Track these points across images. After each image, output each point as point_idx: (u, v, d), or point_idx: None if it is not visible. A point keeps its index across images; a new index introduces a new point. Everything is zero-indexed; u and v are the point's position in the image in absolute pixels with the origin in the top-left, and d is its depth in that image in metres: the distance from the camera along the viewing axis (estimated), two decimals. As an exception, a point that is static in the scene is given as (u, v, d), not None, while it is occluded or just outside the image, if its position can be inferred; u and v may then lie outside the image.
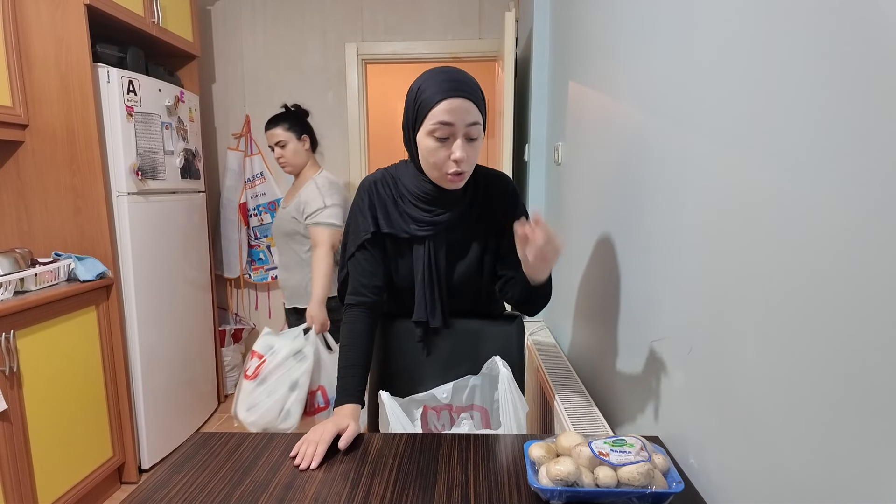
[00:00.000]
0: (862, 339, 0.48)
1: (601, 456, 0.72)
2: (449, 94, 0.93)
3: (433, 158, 0.97)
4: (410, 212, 1.07)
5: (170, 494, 0.79)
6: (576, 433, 0.79)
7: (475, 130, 0.96)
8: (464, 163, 0.96)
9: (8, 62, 1.87)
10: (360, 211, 1.09)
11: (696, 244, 0.83)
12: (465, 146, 0.96)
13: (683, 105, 0.88)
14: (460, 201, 1.07)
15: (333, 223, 1.88)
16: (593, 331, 1.43)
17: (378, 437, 0.96)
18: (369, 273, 1.10)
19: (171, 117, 2.36)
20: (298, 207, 1.93)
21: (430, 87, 0.95)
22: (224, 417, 2.82)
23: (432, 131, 0.95)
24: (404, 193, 1.07)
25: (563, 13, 1.88)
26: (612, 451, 0.73)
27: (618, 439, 0.76)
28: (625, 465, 0.71)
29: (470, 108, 0.94)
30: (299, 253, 1.99)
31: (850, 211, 0.50)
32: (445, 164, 0.97)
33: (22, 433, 1.66)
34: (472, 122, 0.95)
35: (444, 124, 0.94)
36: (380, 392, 1.06)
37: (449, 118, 0.94)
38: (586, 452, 0.74)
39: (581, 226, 1.56)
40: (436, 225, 1.06)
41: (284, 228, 1.99)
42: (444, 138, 0.95)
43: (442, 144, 0.96)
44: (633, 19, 1.14)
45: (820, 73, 0.54)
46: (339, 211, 1.92)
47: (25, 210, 2.04)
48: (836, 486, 0.52)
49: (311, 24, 2.99)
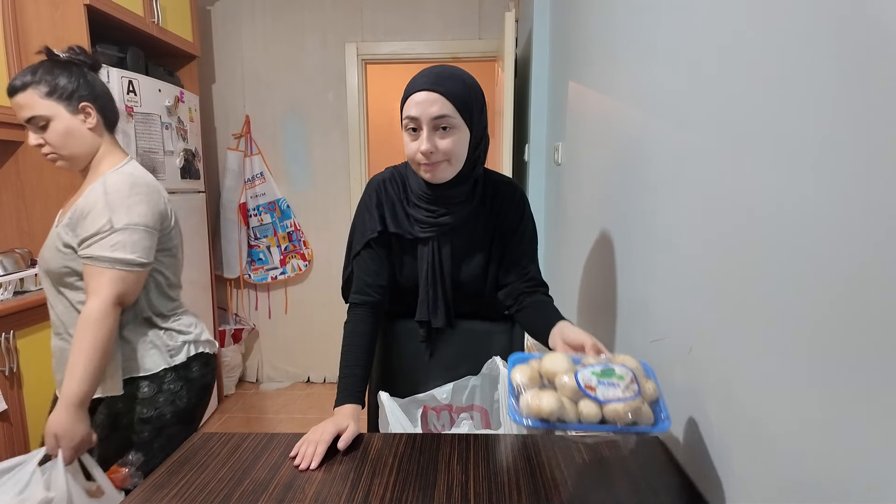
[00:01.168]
0: (862, 338, 0.48)
1: (587, 390, 0.68)
2: (414, 89, 0.96)
3: (407, 151, 1.00)
4: (414, 213, 1.07)
5: (169, 495, 0.79)
6: (563, 356, 0.75)
7: (443, 122, 0.96)
8: (433, 154, 0.97)
9: (8, 62, 1.87)
10: (367, 209, 1.10)
11: (696, 244, 0.83)
12: (431, 137, 0.96)
13: (683, 105, 0.88)
14: (462, 203, 1.07)
15: (123, 259, 1.08)
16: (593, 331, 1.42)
17: (378, 437, 0.96)
18: (374, 272, 1.10)
19: (170, 117, 2.36)
20: (72, 225, 1.12)
21: (409, 83, 0.98)
22: (224, 418, 2.82)
23: (405, 125, 0.99)
24: (409, 194, 1.08)
25: (562, 13, 1.88)
26: (600, 384, 0.68)
27: (606, 368, 0.70)
28: (611, 402, 0.66)
29: (436, 100, 0.95)
30: (76, 304, 1.16)
31: (850, 211, 0.50)
32: (416, 155, 0.99)
33: (22, 433, 1.66)
34: (438, 115, 0.95)
35: (410, 118, 0.97)
36: (379, 393, 1.06)
37: (413, 112, 0.96)
38: (571, 384, 0.69)
39: (581, 226, 1.56)
40: (439, 226, 1.06)
41: (50, 264, 1.15)
42: (414, 130, 0.98)
43: (413, 136, 0.98)
44: (633, 19, 1.14)
45: (821, 72, 0.54)
46: (136, 237, 1.10)
47: (25, 210, 2.03)
48: (837, 486, 0.52)
49: (311, 24, 2.99)
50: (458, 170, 1.01)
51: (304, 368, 3.30)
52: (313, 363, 3.28)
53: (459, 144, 0.99)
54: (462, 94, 0.97)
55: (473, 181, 1.06)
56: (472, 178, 1.05)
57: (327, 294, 3.20)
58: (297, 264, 3.16)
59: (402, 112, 1.00)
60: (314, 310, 3.23)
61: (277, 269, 3.16)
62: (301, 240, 3.14)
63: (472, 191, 1.07)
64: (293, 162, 3.12)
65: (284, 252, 3.15)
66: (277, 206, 3.10)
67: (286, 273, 3.16)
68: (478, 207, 1.09)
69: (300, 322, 3.25)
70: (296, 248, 3.15)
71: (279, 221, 3.12)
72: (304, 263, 3.16)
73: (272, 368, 3.30)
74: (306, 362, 3.29)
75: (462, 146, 0.99)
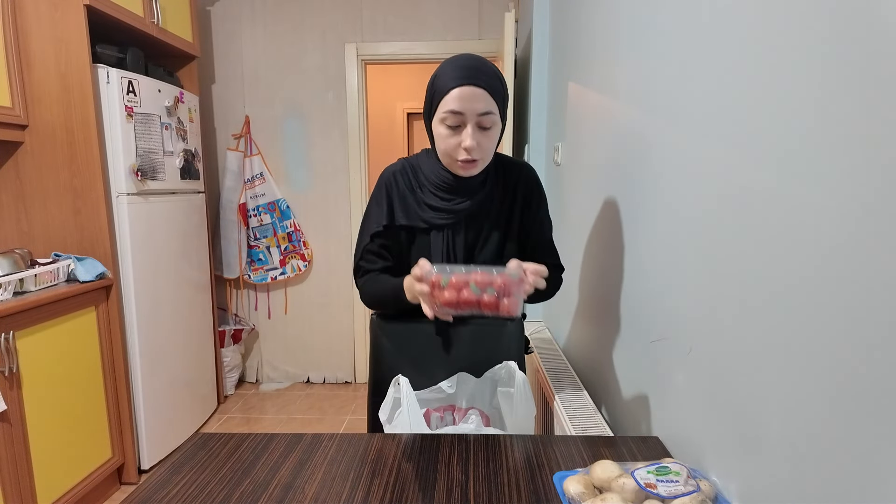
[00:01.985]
0: (862, 337, 0.48)
1: (648, 488, 0.68)
2: (460, 81, 0.93)
3: (444, 146, 0.98)
4: (429, 201, 1.06)
5: (169, 495, 0.78)
6: (610, 462, 0.75)
7: (487, 120, 0.95)
8: (474, 151, 0.96)
9: (7, 63, 1.87)
10: (376, 202, 1.10)
11: (696, 244, 0.83)
12: (475, 134, 0.96)
13: (683, 105, 0.88)
14: (480, 190, 1.06)
15: None
16: (593, 331, 1.42)
17: (378, 437, 0.96)
18: (380, 261, 1.11)
19: (170, 118, 2.36)
20: None
21: (444, 73, 0.95)
22: (224, 418, 2.82)
23: (444, 119, 0.96)
24: (423, 182, 1.07)
25: (562, 14, 1.89)
26: (659, 482, 0.68)
27: (660, 467, 0.71)
28: (676, 498, 0.66)
29: (482, 96, 0.93)
30: None
31: (850, 210, 0.50)
32: (456, 151, 0.97)
33: (21, 434, 1.66)
34: (483, 112, 0.94)
35: (454, 113, 0.94)
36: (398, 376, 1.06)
37: (458, 106, 0.93)
38: (631, 485, 0.69)
39: (581, 226, 1.56)
40: (455, 213, 1.06)
41: None
42: (455, 126, 0.96)
43: (453, 132, 0.96)
44: (632, 20, 1.14)
45: (822, 71, 0.54)
46: None
47: (25, 211, 2.03)
48: (836, 486, 0.52)
49: (310, 25, 2.99)
50: (487, 163, 1.02)
51: (303, 369, 3.30)
52: (313, 363, 3.28)
53: (495, 140, 1.00)
54: (500, 90, 0.97)
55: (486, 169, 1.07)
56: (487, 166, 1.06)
57: (327, 294, 3.20)
58: (296, 265, 3.16)
59: (433, 103, 0.97)
60: (314, 310, 3.23)
61: (277, 270, 3.16)
62: (301, 240, 3.14)
63: (486, 177, 1.07)
64: (293, 162, 3.12)
65: (284, 252, 3.15)
66: (277, 207, 3.10)
67: (286, 273, 3.16)
68: (492, 193, 1.08)
69: (300, 322, 3.25)
70: (295, 248, 3.15)
71: (279, 222, 3.12)
72: (304, 264, 3.16)
73: (272, 369, 3.30)
74: (306, 363, 3.29)
75: (496, 141, 1.00)
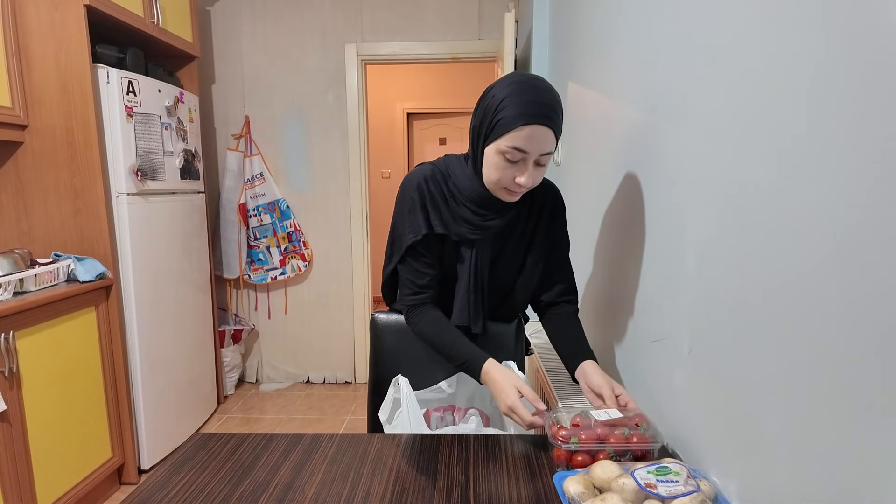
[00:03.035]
0: (862, 337, 0.48)
1: (648, 488, 0.67)
2: (533, 119, 0.89)
3: (497, 175, 0.95)
4: (463, 213, 1.03)
5: (169, 495, 0.78)
6: (610, 462, 0.75)
7: (547, 158, 0.94)
8: (527, 187, 0.95)
9: (7, 63, 1.87)
10: (410, 210, 1.04)
11: (695, 244, 0.83)
12: (533, 172, 0.94)
13: (682, 105, 0.88)
14: (512, 207, 1.04)
15: None
16: (593, 331, 1.43)
17: (378, 437, 0.96)
18: (423, 274, 1.07)
19: (170, 118, 2.36)
20: None
21: (514, 104, 0.90)
22: (224, 418, 2.81)
23: (504, 152, 0.92)
24: (456, 194, 1.03)
25: (562, 14, 1.89)
26: (659, 482, 0.68)
27: (660, 467, 0.71)
28: (676, 498, 0.66)
29: (549, 136, 0.91)
30: None
31: (850, 211, 0.50)
32: (508, 183, 0.95)
33: (21, 434, 1.66)
34: (546, 152, 0.92)
35: (519, 150, 0.90)
36: (398, 376, 1.07)
37: (525, 146, 0.90)
38: (631, 485, 0.69)
39: (580, 226, 1.56)
40: (486, 230, 1.03)
41: None
42: (515, 161, 0.92)
43: (510, 164, 0.93)
44: (632, 20, 1.14)
45: (822, 71, 0.54)
46: None
47: (25, 211, 2.03)
48: (836, 486, 0.52)
49: (310, 25, 2.99)
50: None
51: (303, 369, 3.29)
52: (313, 364, 3.28)
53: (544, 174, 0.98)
54: (561, 124, 0.94)
55: None
56: None
57: (327, 295, 3.20)
58: (296, 265, 3.16)
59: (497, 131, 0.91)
60: (314, 310, 3.23)
61: (277, 270, 3.16)
62: (301, 240, 3.14)
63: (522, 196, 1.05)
64: (293, 162, 3.12)
65: (284, 252, 3.15)
66: (277, 207, 3.10)
67: (286, 273, 3.16)
68: (521, 211, 1.07)
69: (300, 322, 3.25)
70: (295, 248, 3.15)
71: (279, 222, 3.12)
72: (304, 264, 3.16)
73: (272, 369, 3.30)
74: (306, 363, 3.29)
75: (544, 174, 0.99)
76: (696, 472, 0.76)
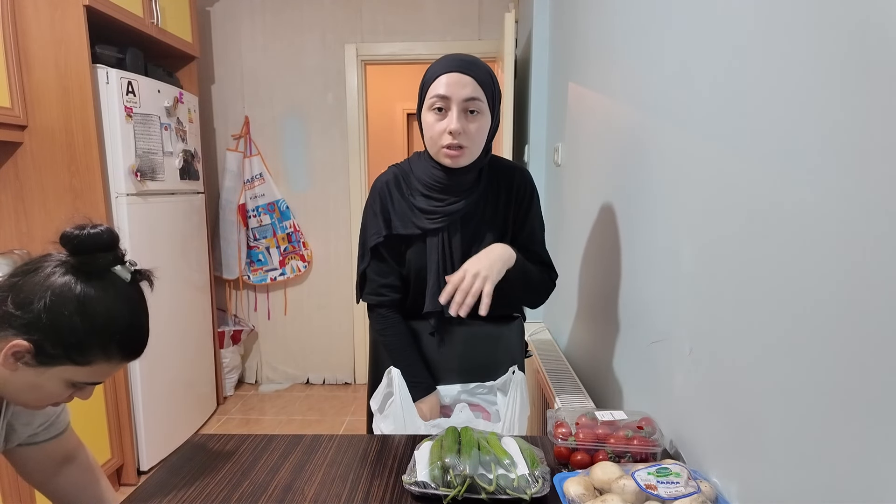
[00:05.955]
0: (862, 337, 0.48)
1: (649, 490, 0.68)
2: (447, 69, 0.97)
3: (431, 132, 1.00)
4: (422, 205, 1.06)
5: (169, 496, 0.78)
6: (611, 463, 0.75)
7: (473, 105, 0.98)
8: (461, 135, 0.97)
9: (7, 63, 1.87)
10: (372, 213, 1.10)
11: (695, 244, 0.83)
12: (461, 118, 0.97)
13: (683, 106, 0.88)
14: (472, 189, 1.07)
15: None
16: (593, 331, 1.42)
17: (378, 438, 0.96)
18: (385, 272, 1.11)
19: (170, 118, 2.36)
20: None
21: (434, 66, 1.00)
22: (223, 419, 2.81)
23: (431, 104, 0.99)
24: (416, 186, 1.07)
25: (562, 15, 1.89)
26: (660, 483, 0.68)
27: (661, 468, 0.71)
28: (677, 499, 0.66)
29: (468, 82, 0.96)
30: None
31: (850, 210, 0.50)
32: (441, 136, 0.99)
33: (20, 435, 1.66)
34: (469, 97, 0.97)
35: (440, 97, 0.97)
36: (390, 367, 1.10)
37: (444, 90, 0.96)
38: (631, 486, 0.69)
39: (581, 226, 1.55)
40: (448, 215, 1.06)
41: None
42: (440, 109, 0.98)
43: (439, 117, 0.99)
44: (633, 20, 1.14)
45: (822, 71, 0.54)
46: None
47: (24, 211, 2.03)
48: (836, 486, 0.52)
49: (310, 25, 2.99)
50: (475, 157, 1.02)
51: (303, 370, 3.29)
52: (312, 365, 3.28)
53: (482, 131, 1.01)
54: (489, 82, 1.00)
55: (479, 168, 1.07)
56: (480, 165, 1.06)
57: (326, 295, 3.20)
58: (296, 265, 3.16)
59: (423, 93, 1.01)
60: (313, 311, 3.22)
61: (277, 271, 3.16)
62: (300, 241, 3.14)
63: (478, 178, 1.08)
64: (292, 163, 3.12)
65: (284, 253, 3.15)
66: (277, 207, 3.09)
67: (285, 274, 3.16)
68: (486, 193, 1.09)
69: (299, 323, 3.24)
70: (295, 249, 3.15)
71: (278, 222, 3.11)
72: (304, 264, 3.15)
73: (271, 370, 3.30)
74: (305, 364, 3.28)
75: (484, 133, 1.01)
76: (696, 473, 0.75)
